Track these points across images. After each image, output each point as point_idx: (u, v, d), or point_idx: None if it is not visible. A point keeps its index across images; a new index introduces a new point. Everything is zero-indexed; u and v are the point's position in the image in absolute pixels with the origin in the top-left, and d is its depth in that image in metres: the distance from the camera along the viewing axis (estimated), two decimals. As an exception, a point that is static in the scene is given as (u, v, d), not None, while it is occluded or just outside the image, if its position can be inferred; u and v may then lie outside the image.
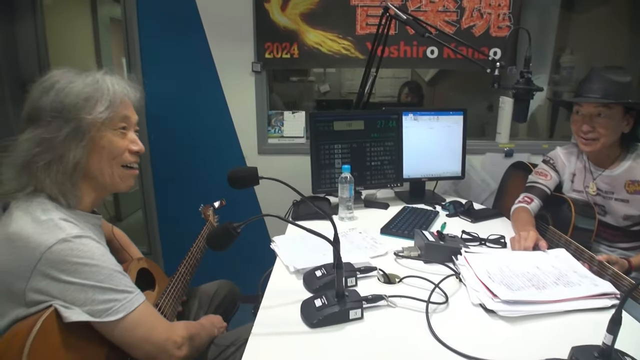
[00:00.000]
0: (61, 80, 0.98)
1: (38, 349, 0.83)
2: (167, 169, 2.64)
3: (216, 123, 2.55)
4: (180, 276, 1.37)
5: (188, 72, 2.48)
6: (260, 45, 2.40)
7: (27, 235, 0.88)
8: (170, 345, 1.02)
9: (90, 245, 0.92)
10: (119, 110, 1.02)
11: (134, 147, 1.07)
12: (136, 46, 2.46)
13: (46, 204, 0.95)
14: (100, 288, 0.91)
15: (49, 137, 0.95)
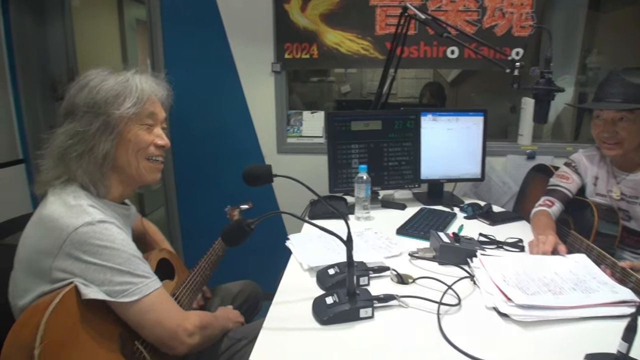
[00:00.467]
0: (95, 79, 1.06)
1: (55, 321, 0.88)
2: (189, 167, 2.69)
3: (236, 122, 2.59)
4: (200, 270, 1.40)
5: (209, 72, 2.53)
6: (280, 45, 2.42)
7: (56, 218, 0.96)
8: (181, 332, 1.05)
9: (112, 230, 0.99)
10: (145, 107, 1.09)
11: (160, 142, 1.13)
12: (160, 47, 2.52)
13: (78, 191, 1.03)
14: (118, 270, 0.97)
15: (81, 130, 1.03)
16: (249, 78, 2.51)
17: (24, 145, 2.80)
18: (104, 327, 0.98)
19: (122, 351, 1.00)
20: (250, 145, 2.61)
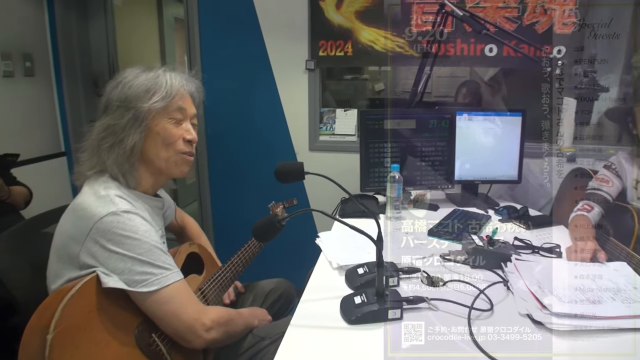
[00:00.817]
0: (128, 76, 1.11)
1: (72, 308, 0.91)
2: (222, 162, 2.73)
3: (269, 119, 2.61)
4: (232, 266, 1.40)
5: (244, 69, 2.56)
6: (314, 43, 2.42)
7: (86, 206, 1.01)
8: (199, 326, 1.05)
9: (135, 221, 1.02)
10: (174, 101, 1.12)
11: (187, 136, 1.15)
12: (197, 44, 2.57)
13: (109, 182, 1.07)
14: (138, 260, 0.99)
15: (113, 123, 1.08)
16: (283, 75, 2.53)
17: (66, 138, 2.91)
18: (122, 317, 1.00)
19: (139, 342, 1.02)
20: (283, 142, 2.62)
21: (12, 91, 2.55)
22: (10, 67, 2.52)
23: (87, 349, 0.92)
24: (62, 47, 2.82)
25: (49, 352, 0.85)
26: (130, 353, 1.00)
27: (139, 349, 1.01)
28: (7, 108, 2.52)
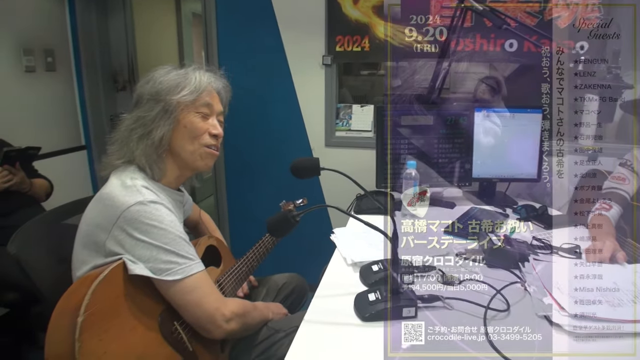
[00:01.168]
0: (159, 73, 1.16)
1: (101, 292, 0.94)
2: (238, 157, 2.75)
3: (286, 115, 2.61)
4: (247, 260, 1.43)
5: (261, 64, 2.56)
6: (331, 38, 2.41)
7: (113, 196, 1.04)
8: (219, 317, 1.08)
9: (162, 211, 1.05)
10: (202, 97, 1.16)
11: (213, 131, 1.18)
12: (214, 39, 2.58)
13: (135, 172, 1.11)
14: (164, 249, 1.02)
15: (143, 115, 1.12)
16: (300, 71, 2.53)
17: (86, 132, 2.96)
18: (147, 304, 1.03)
19: (161, 329, 1.04)
20: (299, 138, 2.62)
21: (34, 86, 2.60)
22: (32, 62, 2.57)
23: (115, 332, 0.94)
24: (83, 43, 2.86)
25: (79, 333, 0.88)
26: (154, 339, 1.03)
27: (162, 336, 1.04)
28: (30, 102, 2.58)
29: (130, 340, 0.97)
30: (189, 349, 1.09)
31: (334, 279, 1.25)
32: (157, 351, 1.02)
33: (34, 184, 2.09)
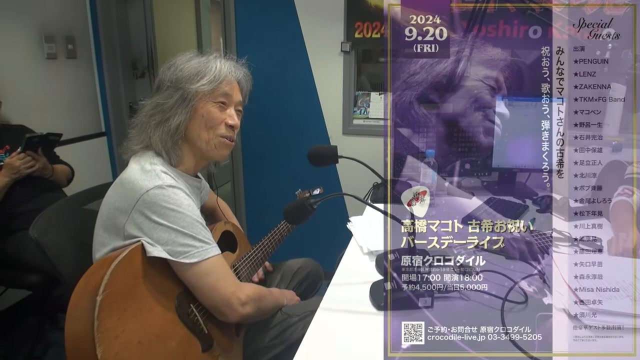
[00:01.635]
0: (182, 58, 1.17)
1: (120, 272, 0.96)
2: (256, 144, 2.75)
3: (303, 102, 2.60)
4: (263, 246, 1.44)
5: (279, 51, 2.55)
6: (350, 25, 2.38)
7: (133, 180, 1.06)
8: (235, 300, 1.09)
9: (179, 195, 1.06)
10: (221, 86, 1.16)
11: (230, 121, 1.18)
12: (232, 26, 2.57)
13: (154, 158, 1.13)
14: (181, 233, 1.04)
15: (162, 102, 1.13)
16: (318, 58, 2.51)
17: (106, 119, 3.00)
18: (164, 286, 1.05)
19: (178, 311, 1.06)
20: (317, 126, 2.61)
21: (56, 73, 2.64)
22: (53, 49, 2.60)
23: (133, 312, 0.96)
24: (103, 31, 2.88)
25: (98, 312, 0.89)
26: (171, 319, 1.04)
27: (178, 317, 1.06)
28: (51, 89, 2.62)
29: (148, 320, 0.99)
30: (205, 331, 1.10)
31: (350, 267, 1.25)
32: (173, 332, 1.04)
33: (56, 170, 2.13)
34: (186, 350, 1.05)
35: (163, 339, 1.00)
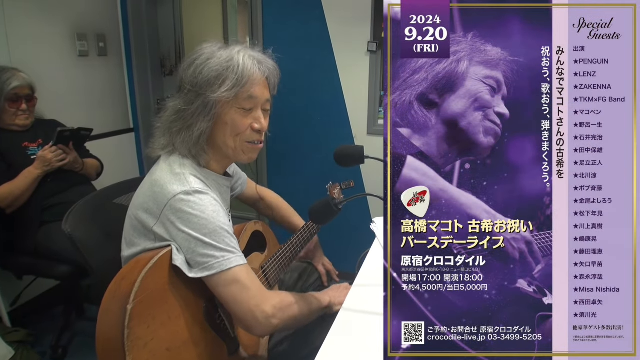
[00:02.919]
0: (202, 56, 1.07)
1: (150, 279, 0.95)
2: (280, 144, 2.76)
3: (329, 101, 2.60)
4: (291, 245, 1.41)
5: (306, 50, 2.55)
6: (377, 24, 2.37)
7: (162, 183, 1.03)
8: (259, 314, 1.01)
9: (205, 201, 1.02)
10: (245, 89, 1.06)
11: (256, 125, 1.10)
12: (259, 26, 2.59)
13: (183, 160, 1.08)
14: (202, 242, 0.99)
15: (183, 108, 1.07)
16: (344, 57, 2.50)
17: (135, 115, 3.06)
18: (192, 291, 1.03)
19: (206, 316, 1.05)
20: (341, 125, 2.61)
21: (87, 70, 2.70)
22: (85, 47, 2.66)
23: (161, 319, 0.95)
24: (133, 29, 2.94)
25: (129, 320, 0.89)
26: (199, 325, 1.03)
27: (206, 322, 1.05)
28: (82, 86, 2.68)
29: (176, 326, 0.98)
30: (231, 334, 1.10)
31: (374, 268, 1.24)
32: (201, 337, 1.03)
33: (86, 164, 2.18)
34: (213, 355, 1.05)
35: (191, 345, 1.00)
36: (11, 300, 2.22)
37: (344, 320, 1.00)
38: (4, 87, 1.93)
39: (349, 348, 0.93)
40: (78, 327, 2.30)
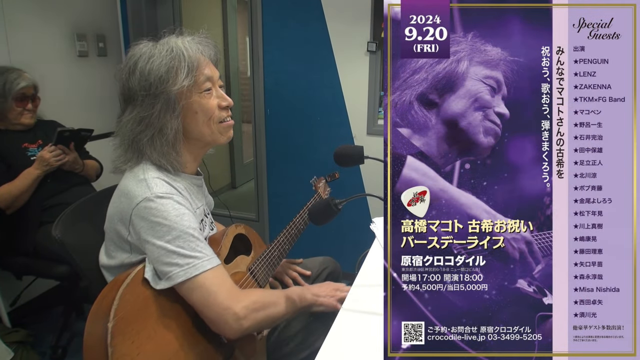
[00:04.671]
0: (141, 58, 1.03)
1: (129, 294, 0.93)
2: (280, 142, 2.77)
3: (329, 101, 2.60)
4: (279, 244, 1.38)
5: (305, 50, 2.55)
6: (376, 24, 2.37)
7: (127, 191, 1.00)
8: (230, 316, 0.99)
9: (168, 206, 0.98)
10: (199, 73, 1.04)
11: (223, 103, 1.09)
12: (259, 26, 2.59)
13: (148, 165, 1.04)
14: (165, 250, 0.96)
15: (146, 115, 1.02)
16: (344, 57, 2.50)
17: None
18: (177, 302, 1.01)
19: (195, 324, 1.03)
20: (341, 125, 2.61)
21: (86, 70, 2.70)
22: (85, 47, 2.66)
23: (147, 333, 0.93)
24: (132, 29, 2.94)
25: (111, 339, 0.87)
26: (189, 334, 1.01)
27: (196, 330, 1.03)
28: (82, 86, 2.68)
29: (165, 338, 0.96)
30: (224, 340, 1.08)
31: (374, 269, 1.24)
32: (192, 345, 1.01)
33: (86, 165, 2.18)
34: None
35: (182, 355, 0.98)
36: (11, 301, 2.22)
37: (344, 320, 1.00)
38: (13, 87, 1.95)
39: (349, 348, 0.93)
40: (78, 327, 2.30)
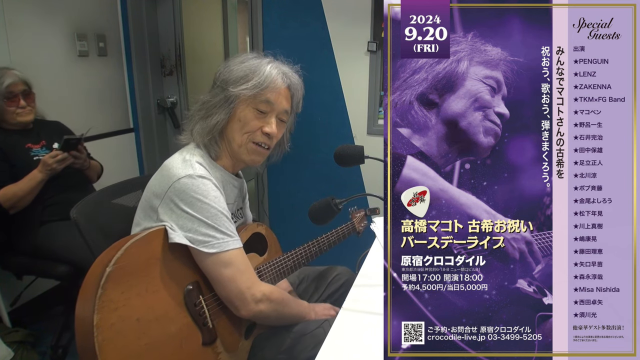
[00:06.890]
0: (237, 59, 1.19)
1: (135, 250, 1.00)
2: (280, 144, 2.76)
3: (329, 101, 2.60)
4: (295, 256, 1.34)
5: (306, 50, 2.56)
6: (377, 24, 2.37)
7: (170, 167, 1.11)
8: (249, 296, 1.09)
9: (208, 187, 1.09)
10: (264, 92, 1.15)
11: (266, 129, 1.17)
12: (259, 25, 2.59)
13: (195, 149, 1.17)
14: (204, 223, 1.07)
15: (207, 100, 1.17)
16: (344, 57, 2.51)
17: (135, 115, 3.06)
18: (178, 273, 1.07)
19: (186, 299, 1.07)
20: (341, 125, 2.61)
21: (87, 70, 2.70)
22: (85, 47, 2.66)
23: (138, 290, 0.98)
24: (133, 29, 2.94)
25: (105, 281, 0.92)
26: (176, 306, 1.05)
27: (184, 305, 1.07)
28: (82, 86, 2.68)
29: (152, 301, 1.00)
30: (209, 324, 1.10)
31: (374, 268, 1.24)
32: (175, 318, 1.04)
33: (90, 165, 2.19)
34: (185, 339, 1.05)
35: (163, 323, 1.01)
36: (11, 300, 2.22)
37: (344, 320, 1.00)
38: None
39: (349, 348, 0.93)
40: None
